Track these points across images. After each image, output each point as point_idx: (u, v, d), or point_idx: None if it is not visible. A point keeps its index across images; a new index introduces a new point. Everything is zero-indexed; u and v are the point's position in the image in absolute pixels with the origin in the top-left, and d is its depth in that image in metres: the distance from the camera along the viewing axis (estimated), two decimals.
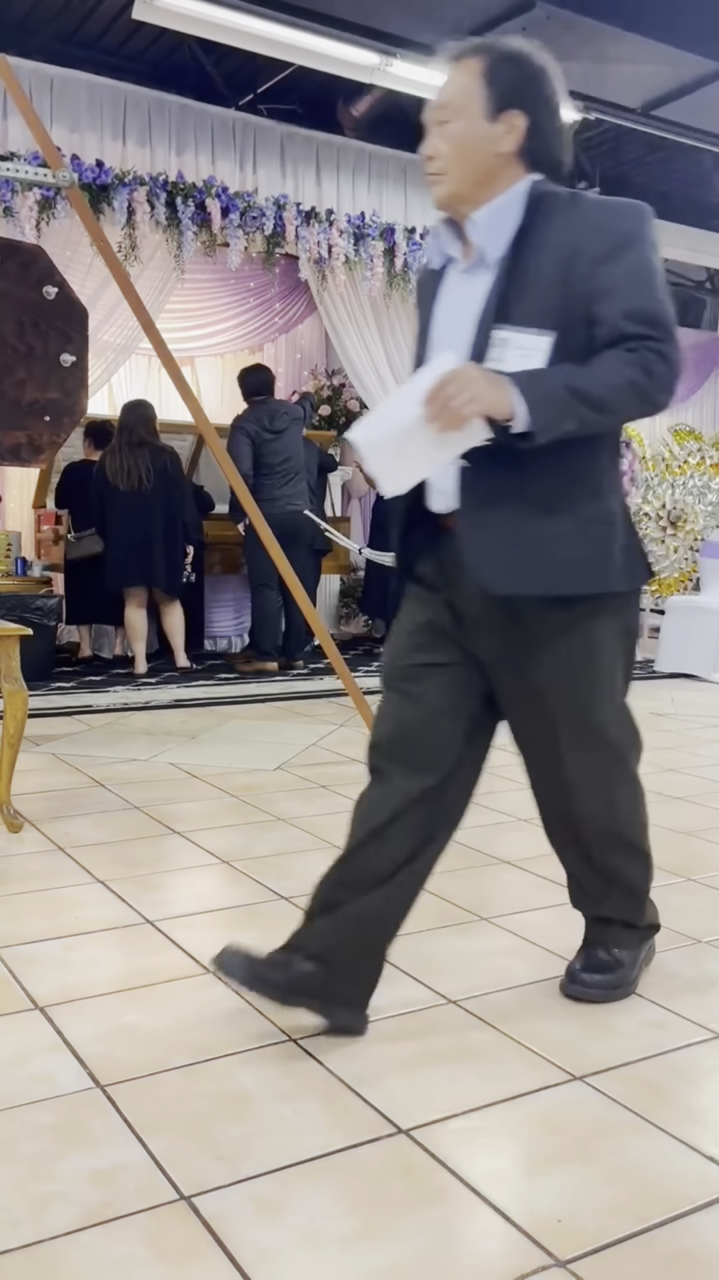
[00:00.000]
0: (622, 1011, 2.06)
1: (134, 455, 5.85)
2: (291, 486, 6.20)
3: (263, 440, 6.13)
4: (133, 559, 5.90)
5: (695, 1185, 1.52)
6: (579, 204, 1.82)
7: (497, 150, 1.82)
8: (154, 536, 5.89)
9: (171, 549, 5.98)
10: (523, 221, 1.80)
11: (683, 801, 3.70)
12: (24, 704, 3.22)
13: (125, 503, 5.86)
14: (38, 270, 3.32)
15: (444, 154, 1.84)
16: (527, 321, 1.76)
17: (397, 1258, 1.36)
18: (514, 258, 1.79)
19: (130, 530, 5.87)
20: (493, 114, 1.81)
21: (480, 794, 2.10)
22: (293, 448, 6.24)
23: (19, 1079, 1.77)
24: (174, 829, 3.23)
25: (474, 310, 1.81)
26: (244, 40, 5.40)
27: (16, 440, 3.27)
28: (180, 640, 6.20)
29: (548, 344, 1.76)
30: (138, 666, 6.05)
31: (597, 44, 5.92)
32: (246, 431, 6.15)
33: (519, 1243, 1.39)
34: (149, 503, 5.87)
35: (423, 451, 1.72)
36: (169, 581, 5.99)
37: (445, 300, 1.91)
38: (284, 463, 6.17)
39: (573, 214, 1.80)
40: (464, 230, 1.86)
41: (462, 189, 1.84)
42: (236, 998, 2.07)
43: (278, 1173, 1.53)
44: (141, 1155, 1.57)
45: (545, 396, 1.69)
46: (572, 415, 1.71)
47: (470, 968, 2.25)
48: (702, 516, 8.04)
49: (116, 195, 5.69)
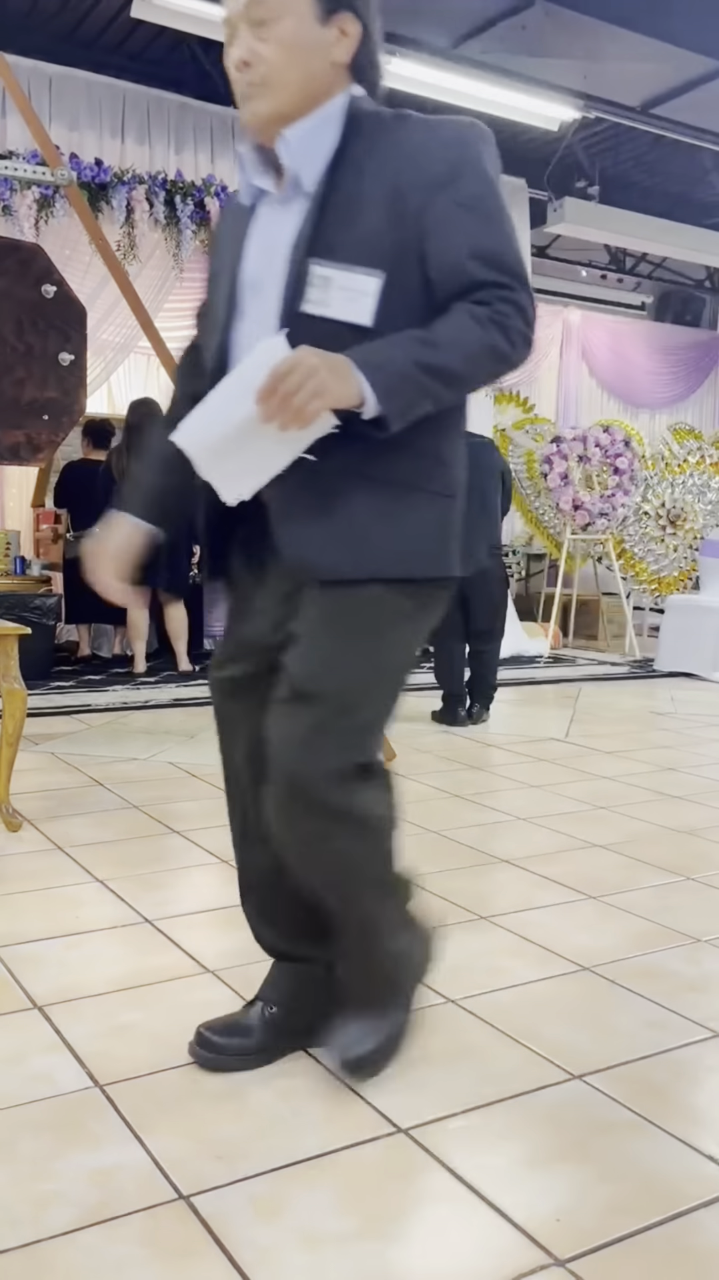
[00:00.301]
0: (621, 1011, 2.06)
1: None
2: None
3: None
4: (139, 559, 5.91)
5: (695, 1184, 1.52)
6: (406, 124, 1.56)
7: (331, 59, 1.55)
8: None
9: (175, 550, 5.98)
10: (340, 143, 1.55)
11: (682, 800, 3.70)
12: (23, 703, 3.22)
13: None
14: (37, 269, 3.32)
15: (269, 61, 1.53)
16: (351, 258, 1.51)
17: (396, 1257, 1.36)
18: (332, 183, 1.53)
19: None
20: (325, 16, 1.54)
21: (479, 793, 2.10)
22: None
23: (18, 1078, 1.77)
24: (173, 828, 3.23)
25: (288, 244, 1.55)
26: None
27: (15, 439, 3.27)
28: (183, 644, 6.21)
29: (377, 286, 1.51)
30: (137, 665, 6.06)
31: (596, 42, 5.93)
32: None
33: (518, 1242, 1.39)
34: None
35: (263, 452, 1.50)
36: (171, 582, 6.00)
37: (257, 237, 1.62)
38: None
39: (399, 134, 1.55)
40: (278, 154, 1.57)
41: (288, 105, 1.54)
42: (236, 998, 2.07)
43: (276, 1172, 1.53)
44: (140, 1155, 1.56)
45: (395, 378, 1.46)
46: (426, 395, 1.50)
47: (469, 967, 2.25)
48: (701, 515, 8.04)
49: (115, 194, 5.69)
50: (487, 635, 5.03)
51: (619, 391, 10.60)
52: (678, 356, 10.92)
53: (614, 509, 7.65)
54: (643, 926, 2.51)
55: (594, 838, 3.23)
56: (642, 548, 7.99)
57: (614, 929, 2.49)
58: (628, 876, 2.87)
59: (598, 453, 7.60)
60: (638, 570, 8.03)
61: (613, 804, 3.63)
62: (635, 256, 10.09)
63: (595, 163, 7.83)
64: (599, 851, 3.09)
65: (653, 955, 2.33)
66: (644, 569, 8.02)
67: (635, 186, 8.44)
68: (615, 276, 10.23)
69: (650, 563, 8.02)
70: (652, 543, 8.00)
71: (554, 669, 6.95)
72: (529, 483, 8.31)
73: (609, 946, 2.38)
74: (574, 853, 3.08)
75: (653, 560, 8.02)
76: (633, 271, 10.29)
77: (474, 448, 5.04)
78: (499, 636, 5.16)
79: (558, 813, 3.50)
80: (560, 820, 3.41)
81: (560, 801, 3.64)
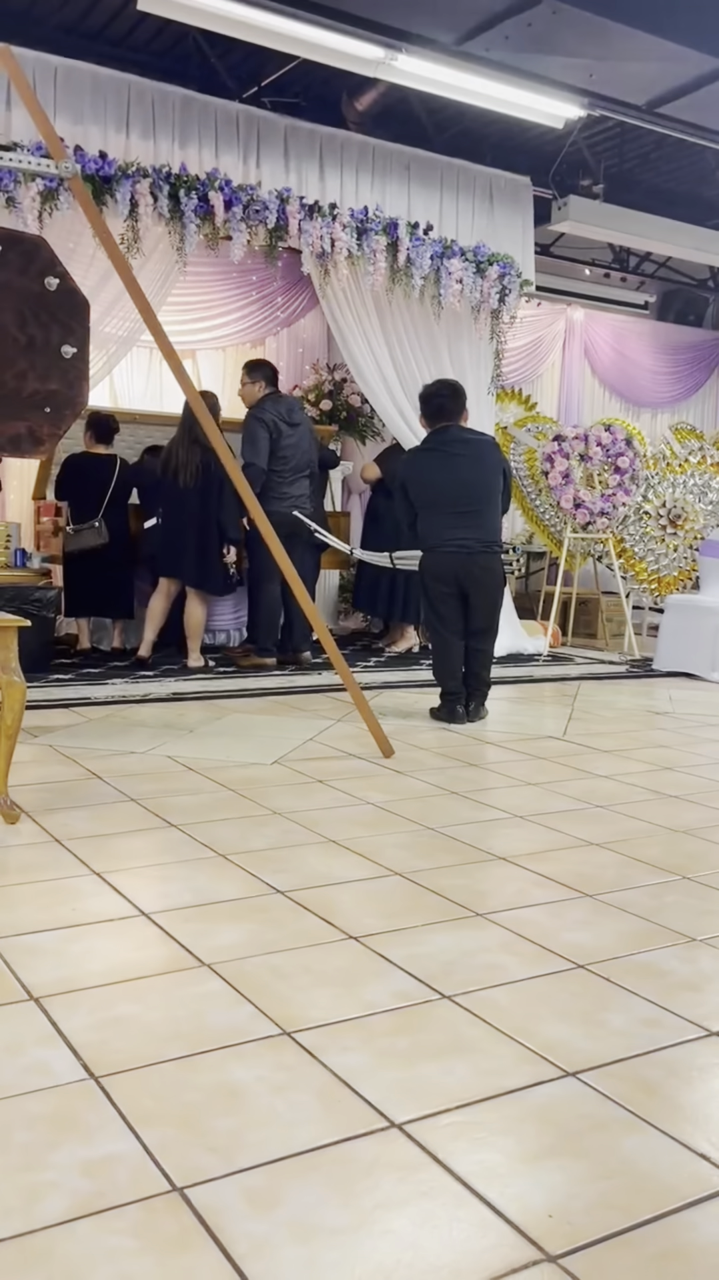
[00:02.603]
0: (616, 1009, 2.07)
1: (191, 452, 5.95)
2: (299, 487, 6.22)
3: (281, 433, 6.12)
4: (168, 553, 6.08)
5: (687, 1182, 1.53)
6: None
7: None
8: (189, 534, 6.03)
9: (204, 548, 6.07)
10: None
11: (679, 800, 3.70)
12: (22, 695, 3.22)
13: (173, 496, 6.01)
14: (40, 261, 3.31)
15: None
16: None
17: (388, 1251, 1.37)
18: None
19: (172, 524, 6.05)
20: None
21: (476, 790, 2.11)
22: (305, 443, 6.27)
23: (13, 1069, 1.77)
24: (171, 822, 3.23)
25: None
26: (249, 33, 5.38)
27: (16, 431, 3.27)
28: (198, 640, 6.23)
29: None
30: (143, 650, 6.09)
31: (602, 40, 5.91)
32: (265, 422, 6.11)
33: (510, 1237, 1.40)
34: (191, 500, 5.98)
35: None
36: (199, 579, 6.10)
37: None
38: (296, 459, 6.18)
39: None
40: None
41: None
42: (232, 990, 2.08)
43: (270, 1165, 1.53)
44: (134, 1146, 1.57)
45: None
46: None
47: (465, 963, 2.25)
48: (702, 515, 8.04)
49: (119, 187, 5.67)
50: (485, 633, 5.04)
51: (621, 390, 10.60)
52: (680, 356, 10.92)
53: (615, 508, 7.65)
54: (638, 925, 2.51)
55: (591, 836, 3.23)
56: (642, 547, 7.99)
57: (609, 927, 2.49)
58: (624, 875, 2.88)
59: (599, 452, 7.60)
60: (638, 569, 8.03)
61: (610, 803, 3.63)
62: (639, 255, 10.08)
63: (600, 161, 7.82)
64: (595, 850, 3.10)
65: (648, 954, 2.34)
66: (644, 568, 8.02)
67: (640, 185, 8.43)
68: (619, 275, 10.21)
69: (650, 562, 8.02)
70: (652, 542, 8.00)
71: (553, 667, 6.96)
72: (530, 481, 8.31)
73: (604, 944, 2.38)
74: (570, 851, 3.08)
75: (653, 560, 8.02)
76: (636, 270, 10.28)
77: (476, 444, 5.06)
78: (496, 634, 5.17)
79: (555, 810, 3.50)
80: (557, 818, 3.41)
81: (557, 799, 3.65)
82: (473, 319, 7.07)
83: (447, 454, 4.95)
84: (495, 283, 6.96)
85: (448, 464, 4.93)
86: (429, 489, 4.94)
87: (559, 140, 7.41)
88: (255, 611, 6.45)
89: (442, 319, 6.96)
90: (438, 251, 6.68)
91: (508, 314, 7.18)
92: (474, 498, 4.92)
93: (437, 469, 4.94)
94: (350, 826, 3.23)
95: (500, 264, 6.96)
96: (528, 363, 9.84)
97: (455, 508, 4.90)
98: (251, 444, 6.04)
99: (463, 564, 4.89)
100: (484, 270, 6.90)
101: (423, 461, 5.02)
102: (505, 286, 7.02)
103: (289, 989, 2.10)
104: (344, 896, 2.63)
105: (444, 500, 4.91)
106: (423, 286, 6.70)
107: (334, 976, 2.17)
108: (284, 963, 2.22)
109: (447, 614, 4.99)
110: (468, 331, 7.11)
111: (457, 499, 4.90)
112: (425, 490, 4.95)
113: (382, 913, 2.53)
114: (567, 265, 9.69)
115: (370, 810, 3.42)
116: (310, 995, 2.08)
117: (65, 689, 5.37)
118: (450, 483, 4.91)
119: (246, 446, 6.05)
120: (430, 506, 4.94)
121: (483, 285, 6.92)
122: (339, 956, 2.27)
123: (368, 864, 2.89)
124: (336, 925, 2.44)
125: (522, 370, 9.66)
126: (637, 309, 10.56)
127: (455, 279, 6.75)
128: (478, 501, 4.93)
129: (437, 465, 4.95)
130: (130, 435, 6.83)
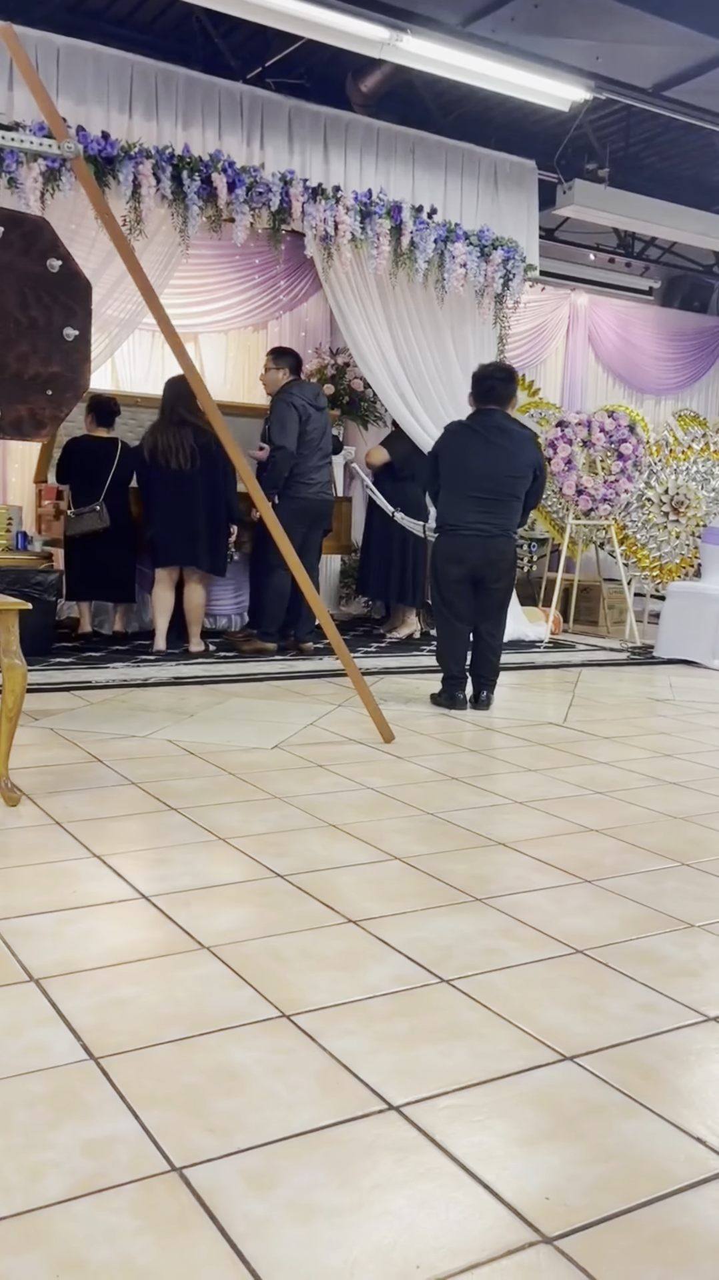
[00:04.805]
0: (614, 993, 2.08)
1: (178, 434, 5.90)
2: (324, 473, 6.25)
3: (309, 417, 6.11)
4: (178, 540, 6.00)
5: (683, 1165, 1.54)
6: None
7: None
8: (199, 518, 5.97)
9: (215, 531, 6.05)
10: None
11: (680, 787, 3.71)
12: (23, 679, 3.22)
13: (172, 482, 5.92)
14: (42, 242, 3.30)
15: None
16: None
17: (386, 1232, 1.38)
18: None
19: (176, 511, 5.95)
20: None
21: (477, 776, 2.11)
22: (327, 429, 6.28)
23: (13, 1050, 1.78)
24: (171, 805, 3.24)
25: None
26: (252, 12, 5.34)
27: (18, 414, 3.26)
28: (199, 626, 6.23)
29: None
30: (158, 643, 6.08)
31: (608, 23, 5.87)
32: (296, 407, 6.08)
33: (507, 1219, 1.41)
34: (194, 483, 5.92)
35: None
36: (212, 563, 6.08)
37: None
38: (321, 443, 6.18)
39: None
40: None
41: None
42: (231, 973, 2.08)
43: (269, 1146, 1.54)
44: (134, 1127, 1.58)
45: None
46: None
47: (464, 947, 2.26)
48: (705, 502, 8.02)
49: (122, 168, 5.64)
50: (496, 618, 5.05)
51: (625, 376, 10.56)
52: (685, 342, 10.87)
53: (617, 495, 7.63)
54: (637, 911, 2.52)
55: (590, 822, 3.24)
56: (644, 534, 7.98)
57: (608, 913, 2.50)
58: (623, 861, 2.89)
59: (602, 438, 7.58)
60: (640, 556, 8.02)
61: (610, 789, 3.64)
62: (644, 240, 10.02)
63: (606, 145, 7.77)
64: (595, 836, 3.11)
65: (646, 939, 2.34)
66: (646, 555, 8.01)
67: (646, 169, 8.38)
68: (624, 260, 10.16)
69: (653, 549, 8.01)
70: (654, 529, 7.98)
71: (554, 654, 6.95)
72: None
73: (603, 930, 2.39)
74: (570, 836, 3.09)
75: (655, 547, 8.01)
76: (641, 256, 10.23)
77: (516, 437, 5.02)
78: (506, 621, 5.18)
79: (555, 797, 3.51)
80: (557, 804, 3.42)
81: (557, 786, 3.65)
82: (476, 303, 7.04)
83: (485, 439, 4.93)
84: (499, 267, 6.93)
85: (485, 449, 4.92)
86: (459, 468, 4.93)
87: (565, 124, 7.36)
88: (260, 596, 6.43)
89: (445, 303, 6.93)
90: (442, 235, 6.65)
91: (512, 299, 7.15)
92: (500, 489, 4.91)
93: (472, 451, 4.93)
94: (351, 811, 3.24)
95: (505, 248, 6.92)
96: (531, 348, 9.80)
97: (480, 493, 4.89)
98: (281, 427, 6.02)
99: (481, 547, 4.89)
100: (488, 254, 6.86)
101: (462, 438, 5.00)
102: (509, 271, 6.99)
103: (289, 972, 2.11)
104: (344, 880, 2.64)
105: (470, 483, 4.90)
106: (426, 270, 6.67)
107: (334, 960, 2.17)
108: (284, 946, 2.23)
109: (455, 600, 4.99)
110: (471, 316, 7.08)
111: (482, 485, 4.89)
112: (456, 469, 4.94)
113: (381, 897, 2.54)
114: (571, 250, 9.64)
115: (371, 795, 3.43)
116: (310, 978, 2.08)
117: (66, 672, 5.38)
118: (481, 467, 4.90)
119: (276, 429, 6.03)
120: (456, 486, 4.94)
121: (487, 269, 6.88)
122: (339, 940, 2.27)
123: (368, 848, 2.90)
124: (336, 909, 2.45)
125: (525, 355, 9.62)
126: (641, 295, 10.51)
127: (459, 263, 6.72)
128: (502, 492, 4.92)
129: (473, 447, 4.94)
130: (132, 418, 6.80)
